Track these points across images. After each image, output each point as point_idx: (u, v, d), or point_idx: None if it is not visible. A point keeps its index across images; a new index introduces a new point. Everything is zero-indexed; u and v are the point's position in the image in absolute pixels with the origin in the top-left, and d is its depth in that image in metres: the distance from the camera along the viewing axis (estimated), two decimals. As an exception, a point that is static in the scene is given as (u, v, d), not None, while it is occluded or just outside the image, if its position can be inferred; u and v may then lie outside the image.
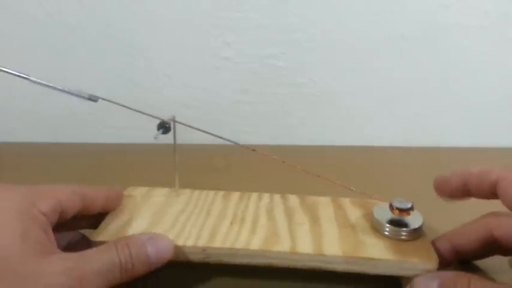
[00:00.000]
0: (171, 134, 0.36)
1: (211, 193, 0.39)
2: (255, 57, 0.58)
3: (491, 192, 0.30)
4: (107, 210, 0.35)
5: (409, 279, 0.31)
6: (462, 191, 0.32)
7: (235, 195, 0.38)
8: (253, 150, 0.37)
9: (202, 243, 0.32)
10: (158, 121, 0.35)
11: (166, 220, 0.34)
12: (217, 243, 0.32)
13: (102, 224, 0.33)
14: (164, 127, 0.35)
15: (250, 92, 0.60)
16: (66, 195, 0.31)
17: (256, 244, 0.32)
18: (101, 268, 0.27)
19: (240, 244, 0.32)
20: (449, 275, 0.29)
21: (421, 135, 0.63)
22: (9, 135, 0.61)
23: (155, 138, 0.34)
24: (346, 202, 0.38)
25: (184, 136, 0.37)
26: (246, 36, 0.57)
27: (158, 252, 0.29)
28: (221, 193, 0.39)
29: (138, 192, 0.38)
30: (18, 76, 0.31)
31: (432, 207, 0.36)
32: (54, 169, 0.53)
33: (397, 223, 0.33)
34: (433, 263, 0.30)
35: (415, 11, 0.56)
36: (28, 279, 0.25)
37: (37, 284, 0.25)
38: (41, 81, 0.32)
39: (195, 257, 0.32)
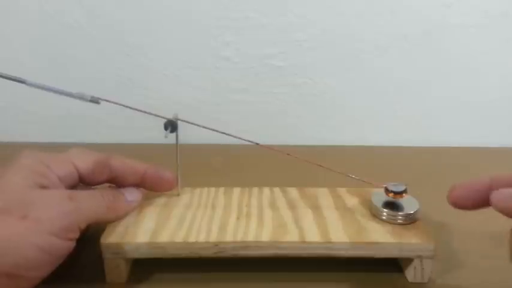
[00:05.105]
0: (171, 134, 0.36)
1: (212, 190, 0.39)
2: (255, 57, 0.58)
3: None
4: (144, 187, 0.37)
5: (408, 260, 0.33)
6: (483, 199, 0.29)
7: (236, 191, 0.39)
8: (257, 144, 0.37)
9: (214, 238, 0.32)
10: (160, 120, 0.35)
11: (173, 218, 0.35)
12: (229, 237, 0.32)
13: (110, 226, 0.34)
14: (172, 125, 0.35)
15: (250, 92, 0.60)
16: (86, 164, 0.34)
17: (266, 236, 0.33)
18: (91, 205, 0.32)
19: (250, 237, 0.32)
20: None
21: (421, 135, 0.63)
22: (9, 135, 0.61)
23: (166, 137, 0.35)
24: (343, 191, 0.39)
25: (183, 136, 0.37)
26: (246, 36, 0.58)
27: (132, 196, 0.35)
28: (222, 189, 0.39)
29: None
30: (16, 80, 0.31)
31: (432, 207, 0.36)
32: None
33: (394, 208, 0.34)
34: (431, 244, 0.32)
35: (415, 11, 0.56)
36: (36, 204, 0.29)
37: (48, 208, 0.29)
38: (40, 85, 0.32)
39: (207, 252, 0.32)
